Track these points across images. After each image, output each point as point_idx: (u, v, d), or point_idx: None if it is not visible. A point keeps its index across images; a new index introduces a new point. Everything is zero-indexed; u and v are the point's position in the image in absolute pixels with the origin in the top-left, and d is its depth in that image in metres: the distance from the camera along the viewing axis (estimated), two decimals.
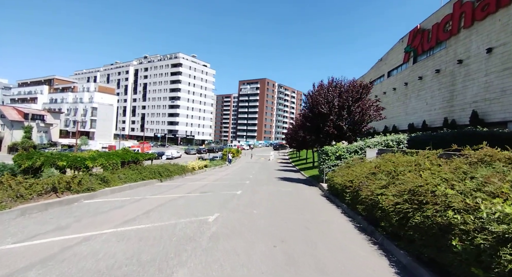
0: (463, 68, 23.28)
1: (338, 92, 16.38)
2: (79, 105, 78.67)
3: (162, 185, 12.49)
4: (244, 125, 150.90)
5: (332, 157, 16.02)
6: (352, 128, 16.54)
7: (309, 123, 18.31)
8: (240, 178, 18.64)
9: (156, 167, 13.82)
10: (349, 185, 9.31)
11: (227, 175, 20.99)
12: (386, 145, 15.51)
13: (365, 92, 16.52)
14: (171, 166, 15.95)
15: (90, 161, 12.54)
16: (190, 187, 12.28)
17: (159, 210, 7.07)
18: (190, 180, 15.90)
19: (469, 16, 22.35)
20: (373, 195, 6.75)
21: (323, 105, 16.17)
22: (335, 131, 16.11)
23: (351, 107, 16.13)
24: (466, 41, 23.04)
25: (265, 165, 38.19)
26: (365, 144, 15.70)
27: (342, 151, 15.88)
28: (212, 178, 17.65)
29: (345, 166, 13.07)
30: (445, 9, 26.08)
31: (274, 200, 10.16)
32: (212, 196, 10.15)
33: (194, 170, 20.57)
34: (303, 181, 19.63)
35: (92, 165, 12.70)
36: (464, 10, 23.11)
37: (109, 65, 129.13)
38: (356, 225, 7.23)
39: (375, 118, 16.81)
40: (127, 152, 17.92)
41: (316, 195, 12.80)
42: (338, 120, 16.27)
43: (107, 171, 12.41)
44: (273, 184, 16.00)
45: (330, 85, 16.88)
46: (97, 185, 8.46)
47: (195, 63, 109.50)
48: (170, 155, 55.94)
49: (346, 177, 10.44)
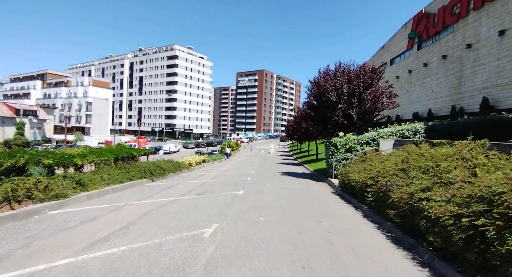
0: (472, 53, 21.99)
1: (347, 78, 14.84)
2: (73, 100, 76.63)
3: (153, 185, 11.04)
4: (243, 118, 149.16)
5: (342, 149, 14.61)
6: (363, 117, 15.05)
7: (314, 113, 16.78)
8: (240, 174, 17.26)
9: (147, 165, 12.37)
10: (370, 183, 7.90)
11: (226, 171, 19.60)
12: (401, 135, 14.09)
13: (377, 78, 14.98)
14: (165, 162, 14.49)
15: (79, 158, 11.33)
16: (185, 187, 10.85)
17: (142, 222, 5.64)
18: (186, 177, 14.49)
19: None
20: (411, 199, 5.34)
21: (331, 93, 14.63)
22: (345, 121, 14.63)
23: (362, 94, 14.60)
24: (476, 24, 21.69)
25: (266, 158, 36.83)
26: (378, 135, 14.28)
27: (353, 143, 14.46)
28: (210, 175, 16.24)
29: (359, 160, 11.66)
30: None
31: (282, 201, 8.78)
32: (210, 198, 8.73)
33: (191, 166, 19.15)
34: (308, 175, 18.27)
35: (82, 163, 11.59)
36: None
37: (103, 59, 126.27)
38: (387, 234, 5.84)
39: (388, 106, 15.33)
40: (121, 148, 16.60)
41: (327, 192, 11.43)
42: (348, 109, 14.78)
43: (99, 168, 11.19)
44: (278, 180, 14.63)
45: (338, 71, 15.32)
46: (70, 190, 7.01)
47: (191, 55, 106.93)
48: (168, 149, 54.58)
49: (364, 173, 9.03)
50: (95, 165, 13.49)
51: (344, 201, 9.61)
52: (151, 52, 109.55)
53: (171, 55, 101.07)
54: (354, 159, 13.92)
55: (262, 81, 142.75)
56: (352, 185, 9.48)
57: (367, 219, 7.13)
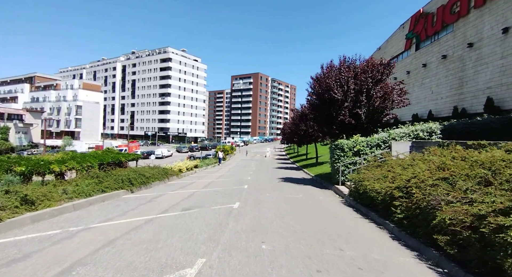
0: (474, 52, 21.30)
1: (353, 73, 13.34)
2: (62, 104, 74.18)
3: (131, 198, 9.24)
4: (238, 121, 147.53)
5: (349, 152, 13.06)
6: (371, 117, 13.53)
7: (317, 113, 15.21)
8: (236, 181, 15.58)
9: (126, 172, 10.61)
10: (399, 195, 6.32)
11: (220, 177, 17.89)
12: (415, 136, 12.61)
13: (387, 73, 13.51)
14: (150, 169, 12.74)
15: (57, 164, 9.78)
16: (170, 200, 9.11)
17: (95, 261, 3.90)
18: (173, 186, 12.74)
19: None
20: (483, 224, 3.74)
21: (336, 90, 13.10)
22: (353, 120, 13.07)
23: (370, 90, 13.09)
24: (477, 22, 20.99)
25: (262, 163, 35.18)
26: (389, 136, 12.78)
27: (361, 145, 12.93)
28: (202, 183, 14.51)
29: (373, 165, 10.09)
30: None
31: (287, 217, 7.14)
32: (198, 215, 7.04)
33: (181, 172, 17.40)
34: (310, 181, 16.68)
35: (60, 169, 10.10)
36: None
37: (95, 62, 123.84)
38: (437, 270, 4.22)
39: (398, 104, 13.85)
40: (108, 153, 15.34)
41: (336, 203, 9.82)
42: (355, 108, 13.24)
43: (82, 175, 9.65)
44: (278, 188, 12.99)
45: (343, 65, 13.81)
46: (10, 210, 5.26)
47: (185, 58, 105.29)
48: (160, 153, 52.65)
49: (387, 182, 7.45)
50: (76, 172, 12.16)
51: (360, 215, 8.01)
52: (144, 55, 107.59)
53: (165, 58, 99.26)
54: (363, 163, 12.39)
55: (257, 84, 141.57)
56: (370, 195, 7.88)
57: (398, 243, 5.52)
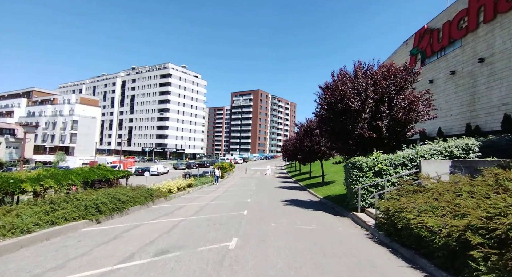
0: (486, 67, 20.15)
1: (372, 80, 11.49)
2: (58, 118, 72.45)
3: (92, 232, 6.89)
4: (237, 138, 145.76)
5: (369, 172, 10.93)
6: (394, 131, 11.51)
7: (328, 126, 13.18)
8: (234, 204, 13.30)
9: (95, 196, 8.40)
10: (477, 242, 4.16)
11: (216, 199, 15.59)
12: (449, 154, 10.54)
13: (410, 81, 11.66)
14: (129, 191, 10.52)
15: (31, 183, 8.06)
16: (144, 235, 6.82)
17: None
18: (156, 212, 10.46)
19: (490, 9, 19.32)
20: None
21: (353, 99, 11.18)
22: (374, 134, 11.03)
23: (393, 100, 11.17)
24: (488, 37, 19.99)
25: (263, 182, 32.81)
26: (417, 154, 10.70)
27: (384, 164, 10.82)
28: (193, 207, 12.22)
29: (407, 189, 7.94)
30: (458, 5, 23.27)
31: (305, 267, 4.91)
32: (176, 267, 4.77)
33: (171, 192, 15.13)
34: (320, 205, 14.41)
35: (34, 189, 8.28)
36: (484, 3, 20.17)
37: (95, 77, 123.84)
38: None
39: (423, 117, 11.87)
40: (94, 170, 13.66)
41: (362, 239, 7.57)
42: (374, 119, 11.26)
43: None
44: (284, 215, 10.74)
45: (359, 71, 12.00)
46: None
47: (185, 73, 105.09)
48: (156, 170, 50.23)
49: (443, 215, 5.30)
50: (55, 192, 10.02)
51: (404, 261, 5.75)
52: (144, 70, 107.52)
53: (165, 74, 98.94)
54: (387, 185, 10.24)
55: (257, 101, 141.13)
56: (417, 234, 5.69)
57: None
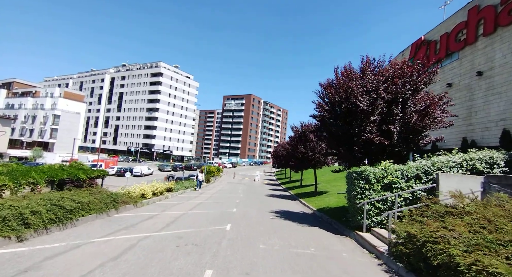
0: (484, 81, 19.22)
1: (383, 78, 9.93)
2: (39, 112, 68.69)
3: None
4: (227, 142, 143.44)
5: (377, 185, 9.25)
6: (406, 137, 9.93)
7: (328, 130, 11.49)
8: (216, 215, 11.37)
9: (26, 203, 6.37)
10: None
11: (196, 208, 13.61)
12: (470, 168, 8.98)
13: (426, 81, 10.16)
14: (86, 195, 8.48)
15: None
16: (75, 266, 4.74)
17: None
18: (114, 225, 8.40)
19: (490, 22, 18.42)
20: None
21: (362, 98, 9.57)
22: (385, 140, 9.38)
23: (407, 101, 9.63)
24: (487, 50, 19.12)
25: (251, 188, 30.90)
26: (433, 165, 9.12)
27: (394, 176, 9.17)
28: (165, 217, 10.22)
29: (437, 210, 6.27)
30: (457, 18, 22.36)
31: None
32: None
33: (145, 198, 13.07)
34: (314, 219, 12.64)
35: None
36: (484, 16, 19.44)
37: (83, 72, 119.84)
38: None
39: (438, 124, 10.34)
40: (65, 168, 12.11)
41: (376, 272, 5.82)
42: (385, 123, 9.65)
43: None
44: (275, 232, 8.91)
45: (367, 67, 10.45)
46: None
47: (177, 73, 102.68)
48: (139, 171, 47.47)
49: None
50: (11, 191, 8.66)
51: None
52: (134, 68, 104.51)
53: (156, 72, 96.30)
54: (397, 202, 8.59)
55: (249, 106, 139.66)
56: None
57: None
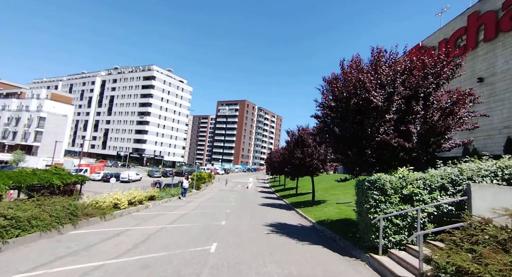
0: (486, 88, 18.77)
1: (399, 70, 8.40)
2: (23, 114, 65.83)
3: None
4: (221, 148, 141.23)
5: (394, 197, 7.60)
6: (426, 140, 8.36)
7: (332, 131, 9.88)
8: (200, 231, 9.53)
9: None
10: None
11: (177, 221, 11.72)
12: (508, 178, 7.42)
13: (450, 74, 8.63)
14: (32, 207, 6.62)
15: None
16: None
17: None
18: (61, 249, 6.43)
19: (491, 27, 18.06)
20: None
21: (375, 92, 8.00)
22: (405, 142, 7.74)
23: (429, 97, 8.09)
24: (488, 56, 18.67)
25: (244, 196, 29.02)
26: (461, 174, 7.54)
27: (416, 185, 7.55)
28: (134, 235, 8.31)
29: (488, 237, 4.63)
30: (456, 23, 21.70)
31: None
32: None
33: (118, 208, 11.14)
34: (315, 235, 10.88)
35: None
36: (484, 22, 18.80)
37: (74, 75, 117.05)
38: None
39: (462, 125, 8.76)
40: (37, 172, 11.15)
41: None
42: (403, 122, 8.07)
43: None
44: (271, 253, 7.14)
45: (378, 59, 8.92)
46: None
47: (170, 77, 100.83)
48: (126, 177, 45.10)
49: None
50: None
51: None
52: (126, 71, 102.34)
53: (148, 76, 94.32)
54: (420, 217, 6.96)
55: (243, 111, 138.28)
56: None
57: None
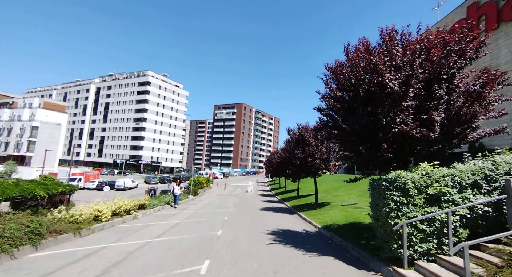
0: None
1: (418, 48, 7.19)
2: (15, 124, 64.36)
3: None
4: (219, 152, 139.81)
5: (418, 198, 6.35)
6: (450, 130, 7.16)
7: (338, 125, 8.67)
8: (190, 246, 8.24)
9: None
10: None
11: (167, 233, 10.41)
12: None
13: (474, 53, 7.43)
14: None
15: None
16: None
17: None
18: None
19: (493, 18, 17.52)
20: None
21: (389, 74, 6.80)
22: (430, 133, 6.45)
23: (453, 78, 6.89)
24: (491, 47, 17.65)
25: (243, 200, 27.68)
26: (498, 168, 6.34)
27: (443, 183, 6.32)
28: (111, 254, 6.99)
29: None
30: (455, 15, 20.82)
31: None
32: None
33: (99, 221, 9.84)
34: (322, 242, 9.60)
35: None
36: (485, 12, 18.18)
37: (68, 83, 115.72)
38: None
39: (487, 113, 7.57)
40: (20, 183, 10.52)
41: None
42: (425, 110, 6.86)
43: None
44: (275, 271, 5.85)
45: (390, 39, 7.75)
46: None
47: (166, 82, 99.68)
48: (122, 184, 43.57)
49: None
50: None
51: None
52: (121, 77, 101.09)
53: (143, 81, 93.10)
54: (451, 221, 5.75)
55: (241, 115, 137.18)
56: None
57: None
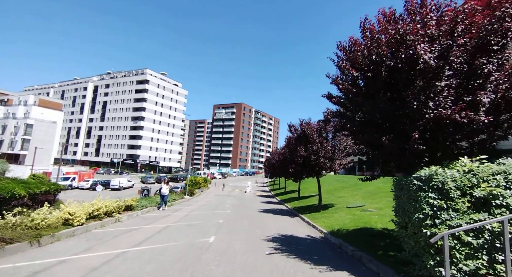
0: None
1: (460, 11, 5.72)
2: (10, 122, 62.90)
3: None
4: (218, 152, 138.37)
5: (461, 201, 4.93)
6: (499, 115, 5.72)
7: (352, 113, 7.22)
8: (176, 257, 6.84)
9: None
10: None
11: (150, 240, 8.99)
12: None
13: None
14: None
15: None
16: None
17: None
18: None
19: None
20: None
21: (424, 44, 5.36)
22: (477, 117, 5.09)
23: (504, 51, 5.45)
24: None
25: (242, 201, 26.26)
26: None
27: (494, 183, 4.91)
28: (65, 272, 5.68)
29: None
30: None
31: None
32: None
33: (72, 225, 8.43)
34: (331, 251, 8.18)
35: None
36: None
37: (66, 81, 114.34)
38: None
39: None
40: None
41: None
42: (469, 90, 5.47)
43: None
44: None
45: (422, 4, 6.32)
46: None
47: (164, 81, 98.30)
48: (117, 184, 42.02)
49: None
50: None
51: None
52: (119, 75, 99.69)
53: (141, 80, 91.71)
54: (509, 231, 4.34)
55: (240, 114, 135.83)
56: None
57: None
